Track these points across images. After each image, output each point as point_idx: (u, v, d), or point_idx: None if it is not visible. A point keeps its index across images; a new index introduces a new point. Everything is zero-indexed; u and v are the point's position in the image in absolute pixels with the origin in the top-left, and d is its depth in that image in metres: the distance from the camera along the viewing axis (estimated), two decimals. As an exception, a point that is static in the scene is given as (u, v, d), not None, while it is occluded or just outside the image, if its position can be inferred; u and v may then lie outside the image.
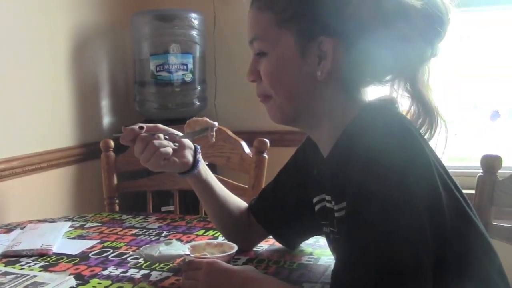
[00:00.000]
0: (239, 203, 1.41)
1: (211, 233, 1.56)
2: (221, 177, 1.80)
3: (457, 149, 2.94)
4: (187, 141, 1.30)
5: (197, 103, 2.94)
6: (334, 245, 1.14)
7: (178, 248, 1.26)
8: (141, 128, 1.22)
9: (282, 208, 1.34)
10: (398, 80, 1.05)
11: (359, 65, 1.01)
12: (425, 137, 1.03)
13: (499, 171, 1.51)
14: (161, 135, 1.24)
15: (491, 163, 1.50)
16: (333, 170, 1.03)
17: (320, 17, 1.01)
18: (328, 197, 1.10)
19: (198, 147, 1.33)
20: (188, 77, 2.88)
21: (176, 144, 1.27)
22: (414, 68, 1.02)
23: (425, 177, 0.90)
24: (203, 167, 1.33)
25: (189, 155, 1.29)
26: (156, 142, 1.22)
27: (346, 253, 0.91)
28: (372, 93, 1.09)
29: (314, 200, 1.19)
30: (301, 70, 1.03)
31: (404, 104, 1.06)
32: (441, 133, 1.04)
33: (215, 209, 1.38)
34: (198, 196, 1.37)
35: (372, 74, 1.05)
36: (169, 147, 1.24)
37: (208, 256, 1.23)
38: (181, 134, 1.29)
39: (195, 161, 1.30)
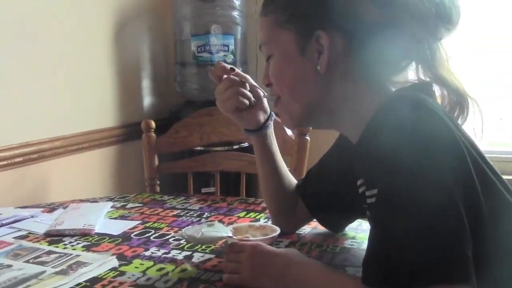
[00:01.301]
0: (292, 180, 1.41)
1: (253, 215, 1.54)
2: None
3: (502, 135, 2.86)
4: (265, 103, 1.34)
5: (238, 84, 2.92)
6: None
7: (221, 230, 1.25)
8: (232, 69, 1.28)
9: (326, 189, 1.32)
10: (416, 66, 1.03)
11: (361, 52, 1.00)
12: (459, 121, 1.00)
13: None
14: (247, 85, 1.30)
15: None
16: (363, 157, 1.02)
17: (316, 13, 1.02)
18: (362, 181, 1.08)
19: (273, 114, 1.35)
20: (229, 58, 2.86)
21: (255, 100, 1.30)
22: (427, 49, 1.00)
23: (454, 157, 0.85)
24: (271, 135, 1.36)
25: (261, 116, 1.33)
26: (240, 88, 1.28)
27: (377, 241, 0.88)
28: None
29: (358, 182, 1.17)
30: (304, 66, 1.04)
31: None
32: (476, 115, 1.01)
33: (268, 178, 1.39)
34: (257, 159, 1.39)
35: (378, 59, 1.02)
36: (247, 100, 1.29)
37: (251, 238, 1.21)
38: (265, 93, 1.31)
39: (265, 124, 1.33)
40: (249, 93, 1.29)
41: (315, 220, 1.41)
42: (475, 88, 1.01)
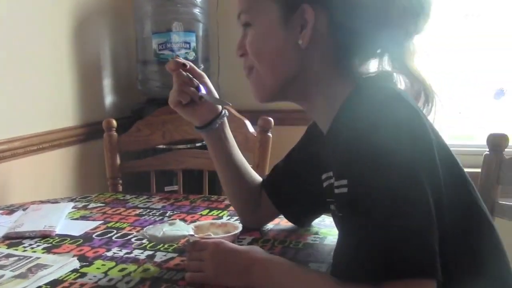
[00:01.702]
0: (254, 176, 1.41)
1: (215, 213, 1.54)
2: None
3: (462, 128, 2.91)
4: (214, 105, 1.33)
5: (200, 81, 2.91)
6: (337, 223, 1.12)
7: (182, 229, 1.25)
8: (184, 65, 1.27)
9: (292, 184, 1.32)
10: (385, 56, 1.04)
11: (342, 36, 1.01)
12: (424, 111, 1.02)
13: (505, 149, 1.49)
14: (196, 82, 1.29)
15: (497, 142, 1.49)
16: (333, 147, 1.02)
17: None
18: (330, 174, 1.09)
19: (226, 112, 1.35)
20: (191, 56, 2.84)
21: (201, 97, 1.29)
22: (398, 44, 1.02)
23: (426, 156, 0.88)
24: (221, 133, 1.35)
25: (208, 114, 1.32)
26: (185, 84, 1.27)
27: (348, 235, 0.89)
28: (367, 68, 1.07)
29: (323, 177, 1.18)
30: (285, 39, 1.03)
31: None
32: (437, 108, 1.03)
33: (224, 176, 1.38)
34: (211, 156, 1.38)
35: (357, 46, 1.03)
36: (189, 96, 1.28)
37: (213, 236, 1.21)
38: (208, 96, 1.30)
39: (212, 122, 1.32)
40: (192, 90, 1.28)
41: (279, 217, 1.42)
42: (453, 85, 1.04)
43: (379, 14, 0.98)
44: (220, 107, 1.34)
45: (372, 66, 1.07)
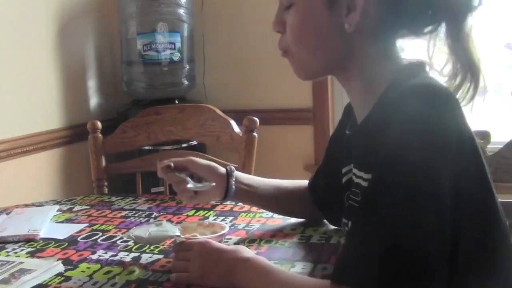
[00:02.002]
0: (296, 187, 1.41)
1: (202, 213, 1.53)
2: (211, 157, 1.78)
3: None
4: (218, 169, 1.34)
5: (186, 82, 2.91)
6: (349, 212, 1.09)
7: (169, 229, 1.24)
8: (169, 167, 1.31)
9: (331, 185, 1.25)
10: (437, 33, 0.96)
11: (393, 17, 0.95)
12: (466, 97, 0.95)
13: (488, 146, 1.49)
14: (184, 177, 1.31)
15: (480, 139, 1.48)
16: (365, 139, 0.98)
17: None
18: (355, 170, 1.05)
19: (232, 168, 1.35)
20: (176, 56, 2.83)
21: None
22: (458, 18, 0.93)
23: (467, 161, 0.83)
24: (243, 184, 1.36)
25: (219, 191, 1.33)
26: (179, 184, 1.32)
27: (358, 228, 0.87)
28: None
29: (343, 170, 1.15)
30: (329, 22, 0.97)
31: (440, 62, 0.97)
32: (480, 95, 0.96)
33: (271, 207, 1.44)
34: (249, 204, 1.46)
35: (409, 25, 0.97)
36: (189, 194, 1.32)
37: (199, 236, 1.20)
38: (192, 184, 1.31)
39: (227, 194, 1.33)
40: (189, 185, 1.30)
41: (265, 216, 1.42)
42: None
43: None
44: (223, 173, 1.34)
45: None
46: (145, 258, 1.21)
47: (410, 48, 1.02)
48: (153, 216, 1.54)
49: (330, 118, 2.82)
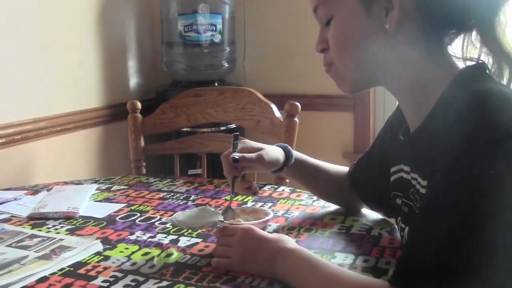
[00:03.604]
0: (342, 172, 1.40)
1: (240, 198, 1.52)
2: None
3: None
4: (268, 154, 1.29)
5: (226, 65, 2.89)
6: (407, 218, 1.06)
7: (211, 215, 1.22)
8: (236, 161, 1.23)
9: (374, 175, 1.26)
10: (471, 32, 0.95)
11: (431, 11, 0.92)
12: None
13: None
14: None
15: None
16: (425, 142, 0.94)
17: None
18: (406, 168, 1.03)
19: (287, 147, 1.35)
20: (217, 38, 2.81)
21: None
22: (493, 11, 0.91)
23: None
24: (294, 162, 1.34)
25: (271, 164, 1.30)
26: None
27: (420, 233, 0.85)
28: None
29: (392, 169, 1.13)
30: (370, 26, 0.95)
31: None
32: None
33: (310, 186, 1.43)
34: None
35: (447, 20, 0.95)
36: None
37: (242, 222, 1.19)
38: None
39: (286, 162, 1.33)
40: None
41: (305, 203, 1.40)
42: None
43: None
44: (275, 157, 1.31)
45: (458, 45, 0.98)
46: (183, 241, 1.20)
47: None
48: (191, 198, 1.54)
49: (371, 106, 2.77)
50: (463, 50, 0.97)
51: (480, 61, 0.95)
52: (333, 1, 0.99)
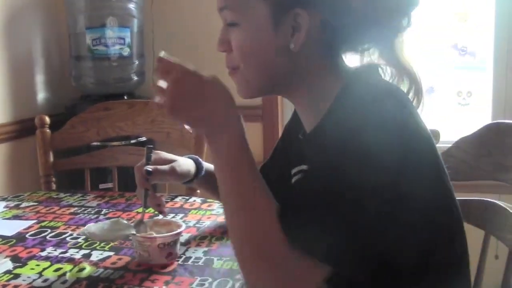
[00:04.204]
0: None
1: (152, 210, 1.53)
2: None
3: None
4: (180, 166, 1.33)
5: (135, 78, 2.89)
6: None
7: (124, 227, 1.23)
8: (149, 173, 1.25)
9: (273, 178, 1.22)
10: (373, 49, 1.03)
11: (332, 35, 0.98)
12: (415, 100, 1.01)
13: (437, 145, 1.54)
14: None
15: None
16: (321, 139, 0.98)
17: None
18: (306, 168, 1.07)
19: (198, 159, 1.39)
20: (126, 52, 2.81)
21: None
22: (391, 37, 1.00)
23: (416, 156, 0.87)
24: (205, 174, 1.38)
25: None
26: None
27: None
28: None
29: (293, 171, 1.16)
30: (274, 41, 0.98)
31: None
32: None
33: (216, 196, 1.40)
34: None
35: (348, 44, 1.02)
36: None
37: (155, 235, 1.20)
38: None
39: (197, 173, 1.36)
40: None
41: (216, 213, 1.43)
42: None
43: (368, 13, 0.97)
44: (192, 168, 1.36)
45: (359, 59, 1.06)
46: (96, 255, 1.21)
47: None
48: (102, 212, 1.54)
49: (280, 115, 2.84)
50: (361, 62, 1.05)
51: (370, 63, 1.04)
52: (242, 10, 1.00)
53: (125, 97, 2.79)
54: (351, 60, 1.06)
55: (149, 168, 1.25)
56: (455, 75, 2.90)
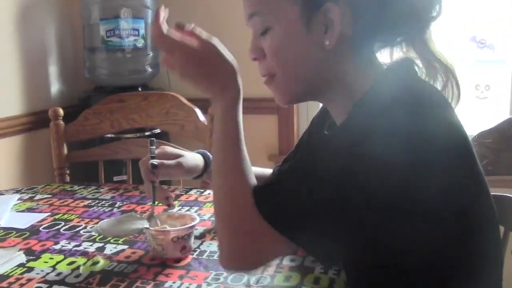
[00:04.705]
0: (261, 174, 1.37)
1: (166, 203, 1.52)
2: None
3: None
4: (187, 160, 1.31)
5: (149, 69, 2.87)
6: None
7: (137, 221, 1.21)
8: (154, 167, 1.25)
9: None
10: (406, 43, 1.00)
11: (365, 29, 0.96)
12: (452, 101, 0.99)
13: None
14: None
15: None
16: (345, 143, 0.94)
17: None
18: None
19: (207, 154, 1.36)
20: (140, 43, 2.79)
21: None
22: (423, 26, 0.98)
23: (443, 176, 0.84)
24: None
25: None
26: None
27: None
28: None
29: None
30: (309, 42, 0.97)
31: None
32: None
33: None
34: None
35: (382, 37, 1.00)
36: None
37: (168, 228, 1.19)
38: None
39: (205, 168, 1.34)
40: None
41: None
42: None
43: (399, 3, 0.95)
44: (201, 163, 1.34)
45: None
46: (109, 248, 1.20)
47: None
48: (116, 205, 1.53)
49: (295, 108, 2.82)
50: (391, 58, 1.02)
51: (404, 58, 1.00)
52: (272, 13, 0.98)
53: (139, 89, 2.78)
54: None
55: (155, 162, 1.23)
56: (473, 68, 2.86)
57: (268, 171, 1.41)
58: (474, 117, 2.74)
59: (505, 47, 2.70)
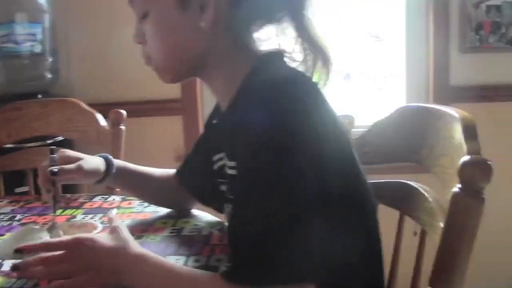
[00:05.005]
0: (165, 175, 1.41)
1: (70, 212, 1.49)
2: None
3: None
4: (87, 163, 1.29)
5: (49, 75, 2.79)
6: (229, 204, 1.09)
7: (36, 233, 1.16)
8: (54, 174, 1.22)
9: (197, 166, 1.30)
10: (286, 20, 1.03)
11: (244, 10, 0.99)
12: (323, 82, 1.02)
13: (352, 130, 1.56)
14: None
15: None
16: (230, 128, 1.01)
17: None
18: (226, 160, 1.07)
19: (108, 157, 1.35)
20: (38, 48, 2.71)
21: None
22: (299, 6, 1.01)
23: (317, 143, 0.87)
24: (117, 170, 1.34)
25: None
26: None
27: (242, 209, 0.90)
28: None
29: (214, 158, 1.16)
30: (185, 24, 1.00)
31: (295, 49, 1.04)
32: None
33: (141, 195, 1.44)
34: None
35: (261, 14, 1.02)
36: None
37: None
38: None
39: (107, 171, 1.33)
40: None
41: (136, 211, 1.42)
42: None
43: None
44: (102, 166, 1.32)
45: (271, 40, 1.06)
46: (8, 265, 1.15)
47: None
48: (16, 218, 1.47)
49: (199, 107, 2.82)
50: (278, 40, 1.05)
51: (277, 49, 1.04)
52: None
53: (40, 96, 2.70)
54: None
55: (55, 168, 1.21)
56: (370, 61, 2.95)
57: (170, 171, 1.41)
58: (374, 108, 2.84)
59: (398, 40, 2.81)
